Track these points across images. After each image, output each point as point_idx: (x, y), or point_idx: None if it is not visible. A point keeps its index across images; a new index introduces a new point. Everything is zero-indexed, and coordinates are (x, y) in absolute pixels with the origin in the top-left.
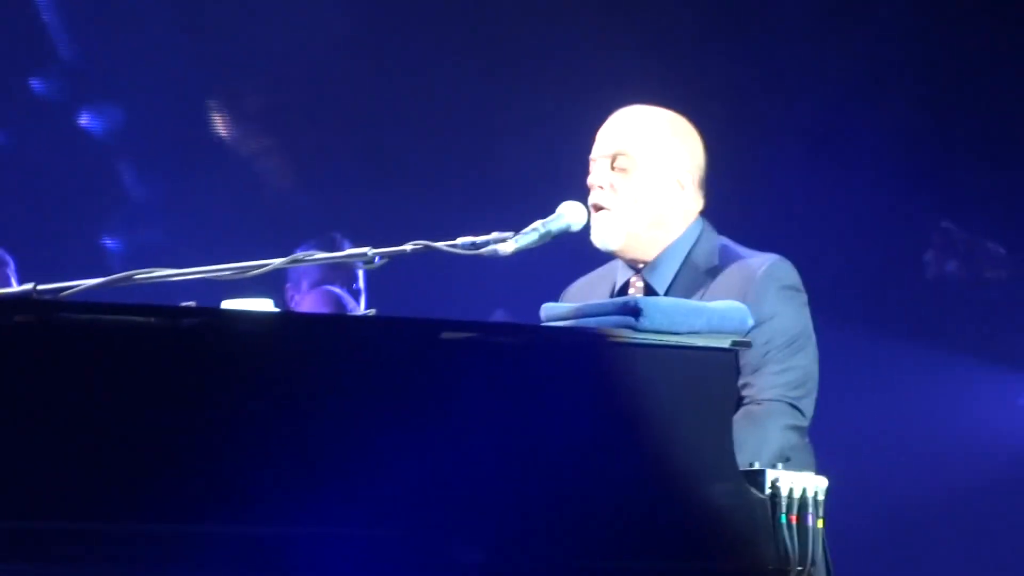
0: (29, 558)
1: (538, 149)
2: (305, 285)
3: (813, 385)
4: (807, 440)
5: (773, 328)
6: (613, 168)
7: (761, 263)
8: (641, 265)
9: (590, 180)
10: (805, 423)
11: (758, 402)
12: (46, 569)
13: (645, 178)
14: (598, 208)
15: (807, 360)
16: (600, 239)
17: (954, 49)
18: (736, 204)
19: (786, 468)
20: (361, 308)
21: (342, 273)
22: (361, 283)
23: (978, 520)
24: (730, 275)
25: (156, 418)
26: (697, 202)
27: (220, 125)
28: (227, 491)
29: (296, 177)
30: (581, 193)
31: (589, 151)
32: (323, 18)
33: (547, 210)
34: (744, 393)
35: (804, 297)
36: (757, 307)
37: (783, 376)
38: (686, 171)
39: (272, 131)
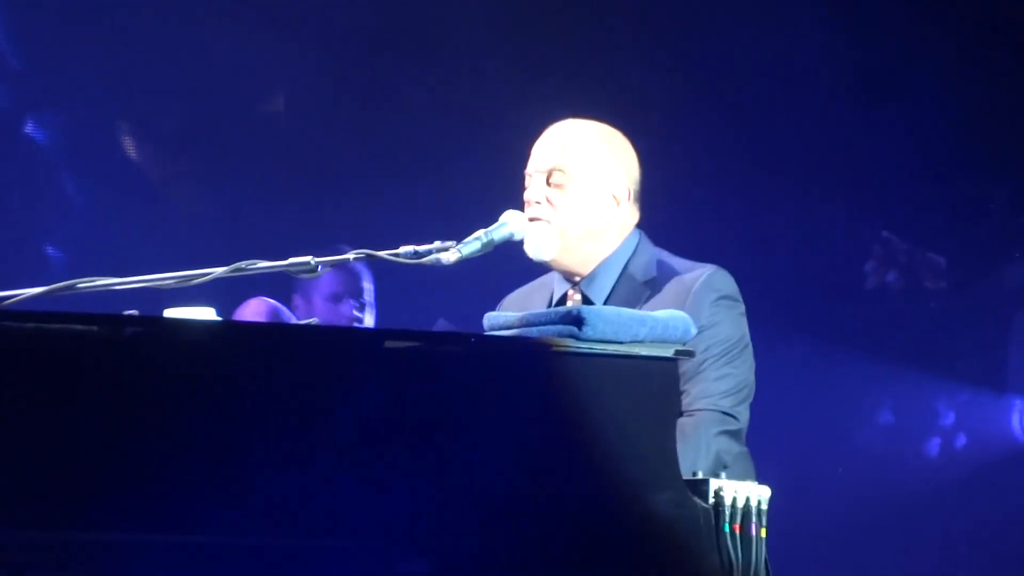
0: None
1: (482, 158)
2: (317, 298)
3: (749, 392)
4: (745, 448)
5: (710, 337)
6: (549, 183)
7: (699, 274)
8: (578, 278)
9: (527, 195)
10: (739, 427)
11: (690, 413)
12: None
13: (581, 193)
14: (532, 219)
15: (743, 368)
16: (535, 250)
17: (891, 62)
18: (677, 217)
19: (727, 476)
20: (369, 323)
21: (351, 287)
22: (368, 296)
23: (916, 524)
24: (669, 286)
25: (98, 425)
26: (632, 215)
27: (144, 139)
28: (165, 499)
29: (238, 188)
30: (521, 202)
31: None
32: (276, 25)
33: (490, 219)
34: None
35: (741, 307)
36: (695, 317)
37: (717, 384)
38: (621, 185)
39: (211, 143)
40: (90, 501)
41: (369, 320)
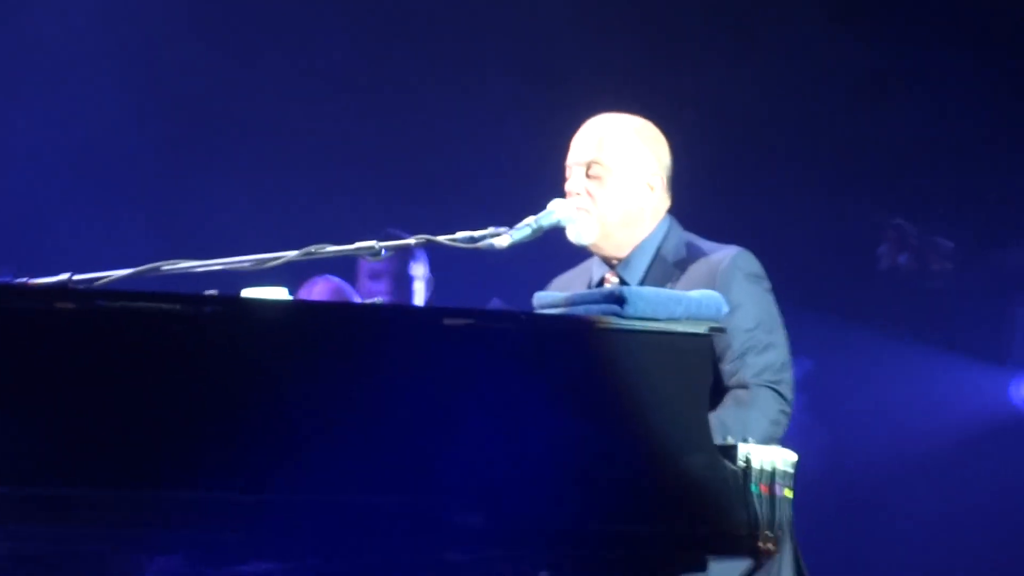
0: (65, 520)
1: (530, 149)
2: (363, 278)
3: (790, 369)
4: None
5: (743, 315)
6: (588, 175)
7: (725, 255)
8: (615, 261)
9: (568, 186)
10: (789, 408)
11: (745, 385)
12: (75, 530)
13: (617, 183)
14: (577, 209)
15: (781, 344)
16: (576, 236)
17: (904, 54)
18: (705, 204)
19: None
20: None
21: (393, 268)
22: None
23: (925, 492)
24: (697, 267)
25: (181, 395)
26: (664, 201)
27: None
28: (242, 462)
29: (298, 176)
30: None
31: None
32: (322, 15)
33: (537, 207)
34: (729, 380)
35: (768, 284)
36: (724, 295)
37: (762, 358)
38: (655, 174)
39: (278, 129)
40: (172, 463)
41: (420, 297)
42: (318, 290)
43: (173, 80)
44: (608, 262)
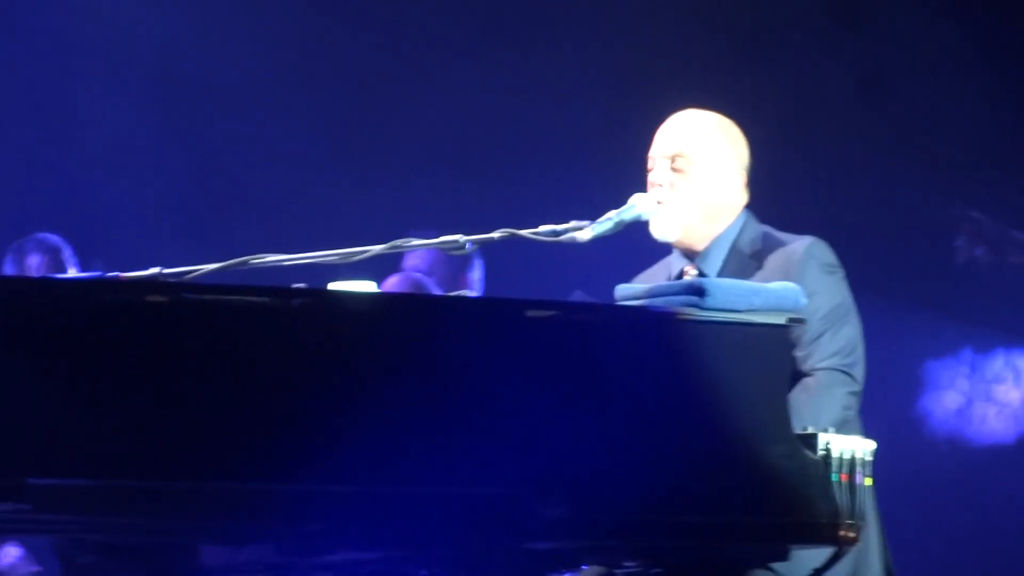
0: (157, 512)
1: (613, 143)
2: (477, 268)
3: (862, 352)
4: (858, 408)
5: (820, 303)
6: (672, 168)
7: (799, 245)
8: (694, 254)
9: (652, 177)
10: (859, 388)
11: (813, 373)
12: (167, 522)
13: (701, 177)
14: (659, 203)
15: (853, 329)
16: (659, 231)
17: (986, 43)
18: (782, 198)
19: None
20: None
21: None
22: (474, 274)
23: (988, 487)
24: (772, 257)
25: (270, 387)
26: (743, 197)
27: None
28: (331, 454)
29: (384, 170)
30: (644, 185)
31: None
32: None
33: (619, 201)
34: (802, 365)
35: (842, 273)
36: (800, 283)
37: (833, 344)
38: (736, 171)
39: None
40: (262, 455)
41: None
42: (393, 283)
43: (253, 72)
44: (687, 255)
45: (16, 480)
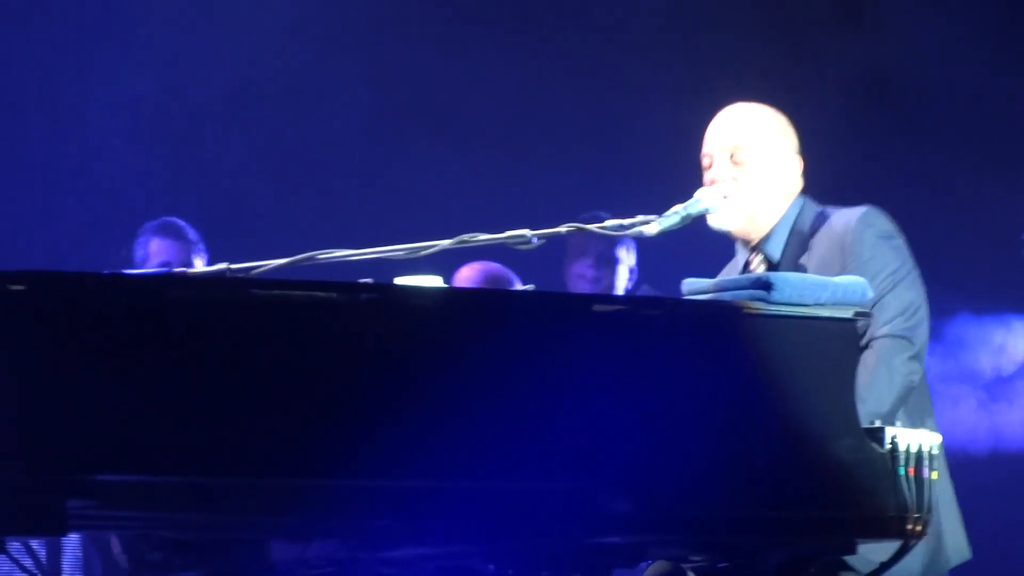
0: (224, 508)
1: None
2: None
3: (923, 313)
4: (923, 373)
5: (874, 269)
6: (732, 161)
7: (853, 214)
8: (755, 241)
9: (711, 175)
10: (917, 349)
11: (870, 344)
12: (234, 519)
13: (760, 168)
14: (724, 198)
15: (913, 291)
16: (720, 222)
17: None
18: (848, 184)
19: (906, 409)
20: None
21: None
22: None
23: None
24: (829, 229)
25: (337, 382)
26: (798, 183)
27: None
28: (397, 449)
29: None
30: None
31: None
32: None
33: (678, 196)
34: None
35: (900, 239)
36: (856, 251)
37: (889, 311)
38: (792, 156)
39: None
40: (329, 452)
41: (623, 281)
42: (466, 275)
43: (330, 59)
44: (748, 243)
45: (84, 476)
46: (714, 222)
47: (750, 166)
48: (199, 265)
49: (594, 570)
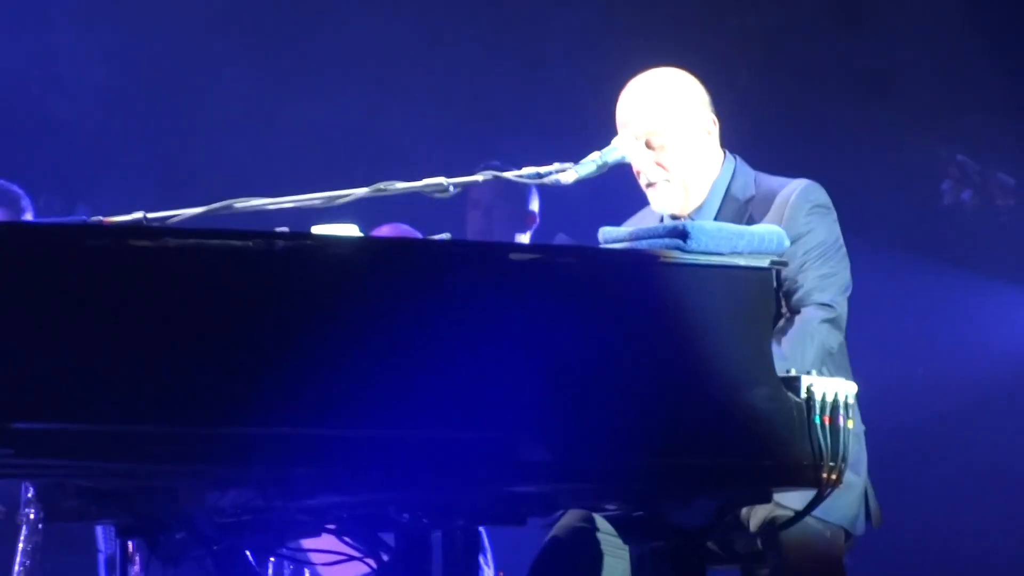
0: (138, 456)
1: (589, 84)
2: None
3: (846, 285)
4: (843, 341)
5: (808, 242)
6: (650, 147)
7: (794, 187)
8: (690, 211)
9: (637, 167)
10: (837, 315)
11: (799, 309)
12: (148, 466)
13: (681, 143)
14: (650, 184)
15: (840, 266)
16: (664, 206)
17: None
18: (769, 142)
19: (826, 368)
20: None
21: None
22: (534, 206)
23: (982, 429)
24: (766, 201)
25: (253, 331)
26: (717, 136)
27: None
28: (312, 397)
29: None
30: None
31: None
32: None
33: (598, 143)
34: (787, 300)
35: (834, 214)
36: (793, 224)
37: (820, 281)
38: (706, 118)
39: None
40: (243, 399)
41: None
42: (385, 232)
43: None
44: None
45: (1, 424)
46: (655, 207)
47: (669, 146)
48: None
49: (510, 519)
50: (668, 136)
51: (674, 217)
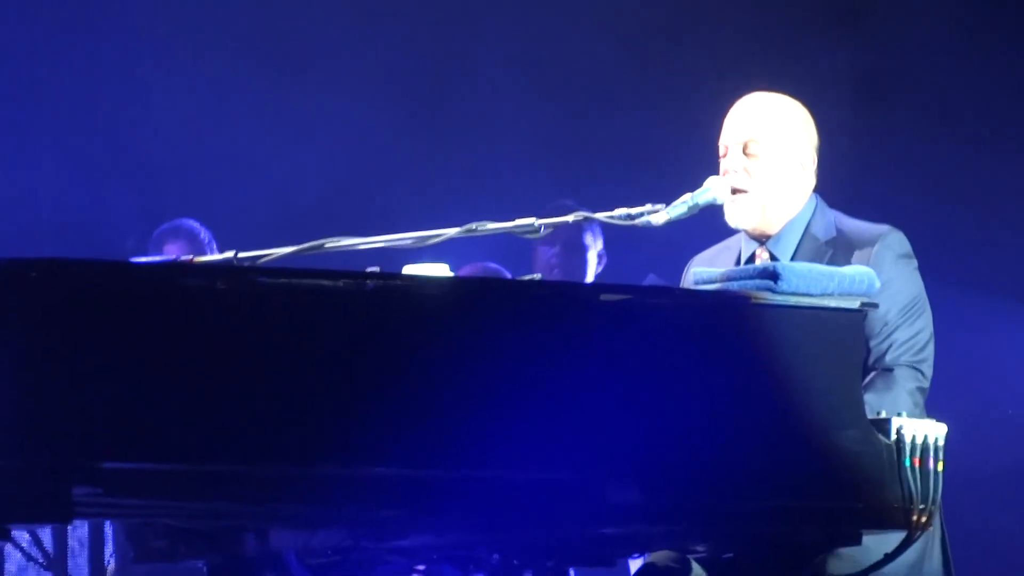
0: (229, 496)
1: (680, 129)
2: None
3: (932, 348)
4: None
5: (892, 294)
6: (746, 153)
7: (877, 234)
8: (765, 239)
9: (725, 164)
10: (927, 384)
11: (888, 367)
12: (239, 507)
13: (775, 161)
14: (736, 191)
15: (926, 324)
16: (736, 219)
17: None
18: (851, 180)
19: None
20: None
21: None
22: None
23: None
24: (848, 245)
25: (344, 371)
26: (812, 180)
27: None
28: (404, 439)
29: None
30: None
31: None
32: None
33: (688, 185)
34: (873, 358)
35: (916, 263)
36: (877, 272)
37: (908, 341)
38: (807, 153)
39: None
40: (335, 440)
41: (592, 268)
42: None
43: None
44: (758, 239)
45: (90, 464)
46: (729, 218)
47: (763, 159)
48: None
49: (600, 560)
50: (766, 148)
51: (751, 236)
